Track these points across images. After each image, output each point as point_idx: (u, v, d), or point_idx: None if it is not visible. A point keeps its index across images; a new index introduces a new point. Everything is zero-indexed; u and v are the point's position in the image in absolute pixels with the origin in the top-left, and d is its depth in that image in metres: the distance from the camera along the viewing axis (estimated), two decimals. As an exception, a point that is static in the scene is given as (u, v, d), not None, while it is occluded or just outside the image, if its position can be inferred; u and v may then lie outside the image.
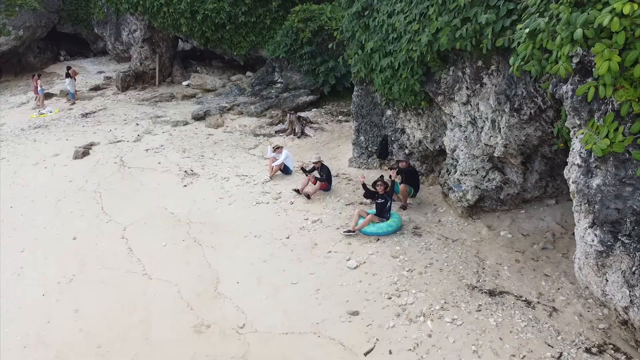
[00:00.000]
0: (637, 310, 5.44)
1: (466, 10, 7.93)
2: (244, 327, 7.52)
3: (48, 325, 8.37)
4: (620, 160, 5.19)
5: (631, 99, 4.92)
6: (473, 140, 9.16)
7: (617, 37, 4.90)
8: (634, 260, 5.29)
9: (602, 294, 5.87)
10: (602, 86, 5.11)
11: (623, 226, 5.28)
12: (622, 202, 5.22)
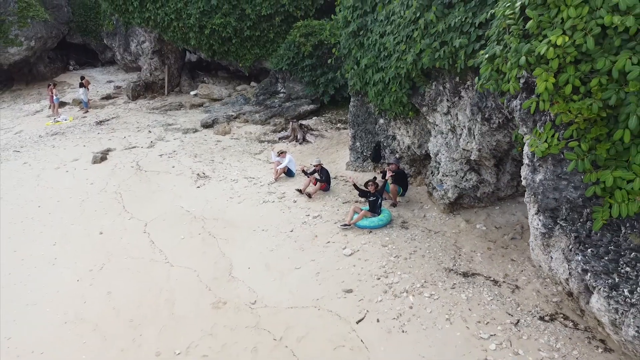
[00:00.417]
0: (575, 280, 6.80)
1: (444, 34, 9.36)
2: (255, 303, 8.90)
3: (84, 305, 9.72)
4: (556, 159, 6.58)
5: (563, 111, 6.31)
6: (453, 146, 10.56)
7: (552, 63, 6.30)
8: (570, 240, 6.67)
9: (549, 269, 7.25)
10: (541, 101, 6.50)
11: (560, 212, 6.67)
12: (559, 193, 6.61)
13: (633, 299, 6.05)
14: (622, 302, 6.17)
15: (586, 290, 6.65)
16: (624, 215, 5.95)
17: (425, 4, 9.87)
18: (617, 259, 6.17)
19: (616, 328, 6.41)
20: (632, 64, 5.70)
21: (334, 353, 7.49)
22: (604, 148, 6.08)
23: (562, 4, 6.31)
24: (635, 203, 5.89)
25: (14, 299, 10.09)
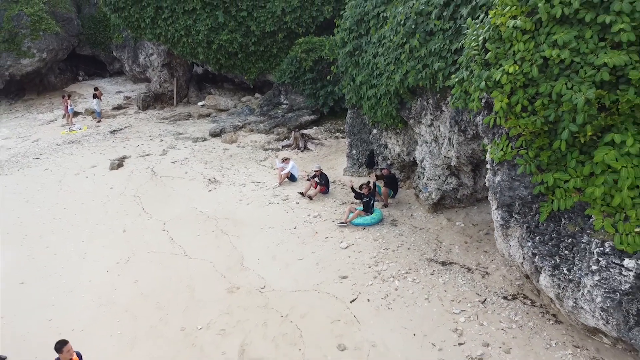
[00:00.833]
0: (527, 263, 8.34)
1: (425, 58, 10.97)
2: (265, 288, 10.43)
3: (115, 291, 11.25)
4: (510, 164, 8.15)
5: (514, 126, 7.89)
6: (436, 153, 12.14)
7: (506, 87, 7.89)
8: (523, 230, 8.22)
9: (509, 255, 8.80)
10: (498, 118, 8.08)
11: (514, 207, 8.23)
12: (513, 191, 8.18)
13: (570, 275, 7.61)
14: (563, 278, 7.73)
15: (536, 270, 8.20)
16: (563, 209, 7.53)
17: (411, 31, 11.50)
18: (558, 244, 7.73)
19: (560, 301, 7.96)
20: (567, 89, 7.29)
21: (331, 326, 9.03)
22: (546, 155, 7.66)
23: (514, 40, 7.92)
24: (571, 199, 7.46)
25: (51, 288, 11.62)
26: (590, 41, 7.28)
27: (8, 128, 29.09)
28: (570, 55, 7.35)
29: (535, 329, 8.51)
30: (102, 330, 9.86)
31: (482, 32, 8.46)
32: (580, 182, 7.30)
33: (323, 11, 22.83)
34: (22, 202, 17.10)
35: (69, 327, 10.15)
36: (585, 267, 7.31)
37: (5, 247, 13.85)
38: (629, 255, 6.85)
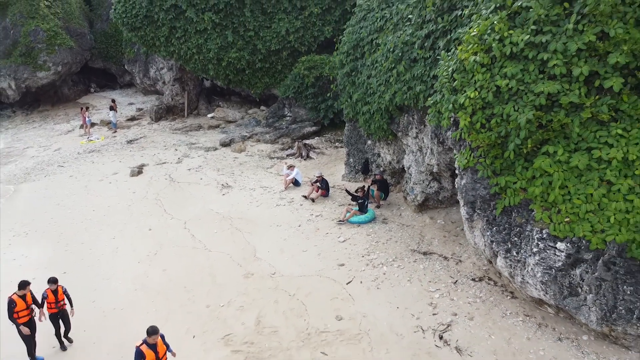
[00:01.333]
0: (487, 249, 10.43)
1: (410, 81, 13.15)
2: (275, 274, 12.53)
3: (147, 278, 13.32)
4: (473, 170, 10.28)
5: (475, 139, 10.02)
6: (420, 161, 14.28)
7: (468, 109, 10.04)
8: (483, 222, 10.33)
9: (474, 244, 10.91)
10: (463, 133, 10.23)
11: (476, 204, 10.35)
12: (475, 191, 10.30)
13: (518, 257, 9.71)
14: (513, 260, 9.83)
15: (494, 254, 10.30)
16: (512, 205, 9.65)
17: (398, 58, 13.70)
18: (509, 233, 9.85)
19: (512, 278, 10.06)
20: (514, 110, 9.44)
21: (330, 302, 11.12)
22: (499, 162, 9.80)
23: (475, 71, 10.08)
24: (518, 197, 9.58)
25: (91, 276, 13.71)
26: (532, 73, 9.44)
27: (27, 137, 31.26)
28: (517, 85, 9.52)
29: (495, 302, 10.60)
30: (139, 308, 11.94)
31: (451, 64, 10.65)
32: (525, 183, 9.44)
33: (324, 31, 25.10)
34: (53, 205, 19.23)
35: (111, 307, 12.24)
36: (529, 250, 9.43)
37: (45, 243, 15.98)
38: (561, 239, 8.97)
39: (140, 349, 8.38)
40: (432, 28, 12.66)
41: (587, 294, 8.88)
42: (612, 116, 8.94)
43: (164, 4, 25.36)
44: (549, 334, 9.56)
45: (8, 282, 13.67)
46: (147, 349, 8.38)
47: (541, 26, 9.47)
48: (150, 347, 8.40)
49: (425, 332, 9.93)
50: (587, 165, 8.84)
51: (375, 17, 15.91)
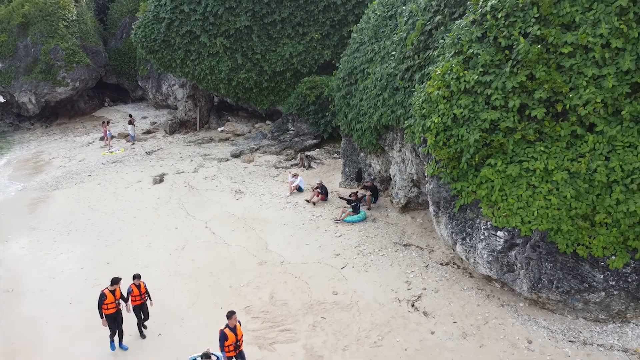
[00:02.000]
0: (449, 238, 13.61)
1: (393, 106, 16.41)
2: (283, 262, 15.71)
3: (178, 266, 16.47)
4: (437, 177, 13.51)
5: (438, 154, 13.25)
6: (403, 171, 17.51)
7: (433, 131, 13.27)
8: (446, 217, 13.54)
9: (441, 235, 14.11)
10: (430, 149, 13.47)
11: (441, 204, 13.57)
12: (439, 193, 13.53)
13: (471, 243, 12.90)
14: (467, 246, 13.02)
15: (454, 242, 13.49)
16: (466, 203, 12.86)
17: (384, 86, 16.99)
18: (464, 225, 13.05)
19: (467, 260, 13.24)
20: (466, 132, 12.68)
21: (328, 282, 14.29)
22: (455, 171, 13.04)
23: (438, 102, 13.33)
24: (470, 197, 12.80)
25: (131, 265, 16.79)
26: (480, 104, 12.69)
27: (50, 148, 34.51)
28: (468, 113, 12.76)
29: (456, 280, 13.78)
30: (175, 288, 15.10)
31: (421, 95, 13.93)
32: (474, 187, 12.66)
33: (323, 54, 28.46)
34: (88, 208, 22.43)
35: (152, 288, 15.34)
36: (478, 237, 12.63)
37: (86, 240, 19.15)
38: (500, 229, 12.16)
39: (224, 331, 10.43)
40: (410, 63, 15.97)
41: (520, 270, 12.06)
42: (537, 137, 12.18)
43: (180, 30, 28.77)
44: (494, 302, 12.74)
45: (59, 272, 16.89)
46: (229, 332, 10.42)
47: (487, 68, 12.74)
48: (231, 330, 10.46)
49: (401, 302, 13.11)
50: (518, 173, 12.06)
51: (367, 49, 19.26)
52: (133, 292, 12.79)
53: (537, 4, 12.28)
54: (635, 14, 11.48)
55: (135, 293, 12.78)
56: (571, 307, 11.79)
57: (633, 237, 10.95)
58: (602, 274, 11.23)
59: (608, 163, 11.20)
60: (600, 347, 11.01)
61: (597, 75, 11.58)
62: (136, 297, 12.80)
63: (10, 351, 12.89)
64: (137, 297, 12.80)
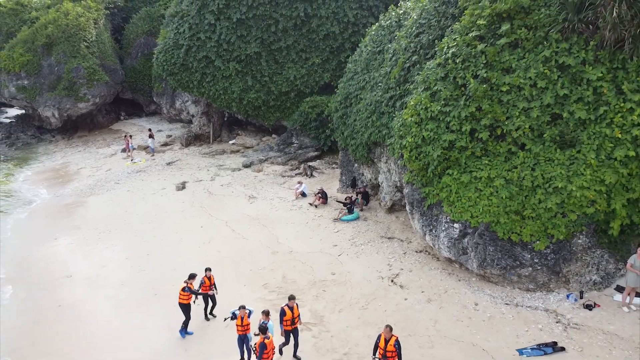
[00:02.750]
0: (421, 230, 17.93)
1: (380, 126, 20.80)
2: (292, 251, 20.03)
3: (207, 256, 20.74)
4: (411, 183, 17.87)
5: (411, 166, 17.60)
6: (389, 179, 21.85)
7: (407, 148, 17.63)
8: (418, 214, 17.87)
9: (415, 228, 18.45)
10: (405, 162, 17.84)
11: (414, 203, 17.91)
12: (413, 196, 17.88)
13: (436, 233, 17.23)
14: (433, 235, 17.35)
15: (424, 233, 17.81)
16: (432, 203, 17.22)
17: (372, 110, 21.41)
18: (431, 219, 17.39)
19: (434, 247, 17.58)
20: (432, 150, 17.07)
21: (328, 265, 18.60)
22: (424, 179, 17.42)
23: (412, 126, 17.71)
24: (435, 198, 17.16)
25: (168, 255, 21.11)
26: (442, 128, 17.07)
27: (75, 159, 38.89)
28: (433, 135, 17.14)
29: (426, 263, 18.09)
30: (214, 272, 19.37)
31: (400, 120, 18.34)
32: (438, 191, 17.01)
33: (323, 77, 32.96)
34: (122, 211, 26.75)
35: (187, 272, 19.62)
36: (441, 228, 16.96)
37: (125, 237, 23.44)
38: (456, 222, 16.49)
39: (283, 308, 13.49)
40: (393, 93, 20.40)
41: (471, 252, 16.37)
42: (482, 153, 16.55)
43: (197, 55, 33.30)
44: (453, 278, 17.05)
45: (108, 261, 21.17)
46: (288, 309, 13.52)
47: (447, 101, 17.13)
48: (289, 309, 13.67)
49: (383, 278, 17.42)
50: (469, 180, 16.40)
51: (359, 79, 23.73)
52: (205, 283, 16.02)
53: (485, 53, 16.70)
54: (555, 62, 15.91)
55: (206, 284, 16.18)
56: (508, 279, 16.09)
57: (551, 227, 15.26)
58: (529, 254, 15.54)
59: (533, 172, 15.56)
60: (527, 308, 15.29)
61: (526, 108, 15.99)
62: (207, 287, 16.15)
63: (76, 320, 17.13)
64: (208, 287, 16.18)
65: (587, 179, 14.81)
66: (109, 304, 17.99)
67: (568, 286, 15.72)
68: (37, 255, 22.48)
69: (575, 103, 15.49)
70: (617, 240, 15.37)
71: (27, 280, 20.33)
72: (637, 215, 15.07)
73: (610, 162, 14.83)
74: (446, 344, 14.09)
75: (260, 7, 32.28)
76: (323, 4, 32.14)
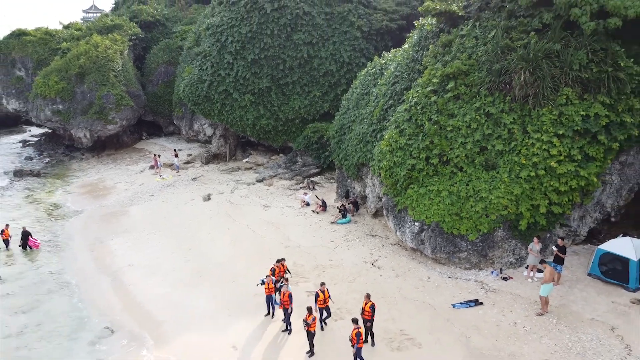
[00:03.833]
0: (394, 228, 25.53)
1: (365, 152, 28.50)
2: (300, 246, 27.64)
3: (235, 251, 28.35)
4: (387, 195, 25.53)
5: (385, 181, 25.25)
6: (373, 191, 29.48)
7: (383, 169, 25.31)
8: (392, 216, 25.50)
9: (390, 228, 26.07)
10: (382, 179, 25.50)
11: (389, 209, 25.54)
12: (388, 204, 25.49)
13: (403, 230, 24.87)
14: (401, 231, 24.98)
15: (396, 230, 25.41)
16: (401, 208, 24.90)
17: (360, 139, 29.16)
18: (400, 220, 25.05)
19: (403, 240, 25.19)
20: (400, 171, 24.77)
21: (326, 255, 26.22)
22: (395, 191, 25.11)
23: (386, 154, 25.42)
24: (403, 205, 24.83)
25: (204, 251, 28.73)
26: (407, 156, 24.79)
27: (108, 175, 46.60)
28: (401, 160, 24.86)
29: (397, 252, 25.70)
30: (237, 262, 26.95)
31: (378, 148, 26.07)
32: (404, 200, 24.69)
33: (323, 107, 40.83)
34: (162, 218, 34.37)
35: (220, 261, 27.21)
36: (406, 226, 24.61)
37: (169, 237, 31.02)
38: (416, 221, 24.14)
39: (317, 292, 20.74)
40: (375, 127, 28.16)
41: (426, 242, 23.95)
42: (434, 173, 24.23)
43: (218, 89, 41.19)
44: (415, 261, 24.64)
45: (158, 254, 28.75)
46: (320, 292, 20.58)
47: (410, 137, 24.83)
48: (322, 292, 20.90)
49: (366, 263, 25.02)
50: (425, 192, 24.03)
51: (351, 113, 31.54)
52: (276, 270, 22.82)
53: (437, 103, 24.45)
54: (483, 110, 23.63)
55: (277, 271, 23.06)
56: (452, 261, 23.65)
57: (479, 224, 22.82)
58: (465, 243, 23.12)
59: (467, 187, 23.19)
60: (463, 280, 22.82)
61: (463, 142, 23.67)
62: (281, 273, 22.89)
63: (142, 294, 24.65)
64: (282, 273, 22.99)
65: (502, 191, 22.46)
66: (165, 282, 25.48)
67: (493, 266, 23.31)
68: (101, 251, 30.07)
69: (496, 139, 23.20)
70: (525, 233, 22.95)
71: (99, 269, 27.89)
72: (537, 216, 22.69)
73: (517, 180, 22.47)
74: (406, 302, 21.63)
75: (270, 49, 40.23)
76: (323, 46, 40.10)
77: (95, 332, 22.11)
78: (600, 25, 21.81)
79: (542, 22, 23.20)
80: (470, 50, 24.70)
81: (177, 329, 21.30)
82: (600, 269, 21.70)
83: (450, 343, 18.78)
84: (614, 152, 22.43)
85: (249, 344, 19.87)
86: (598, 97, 22.13)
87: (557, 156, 22.08)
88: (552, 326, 19.12)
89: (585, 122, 22.02)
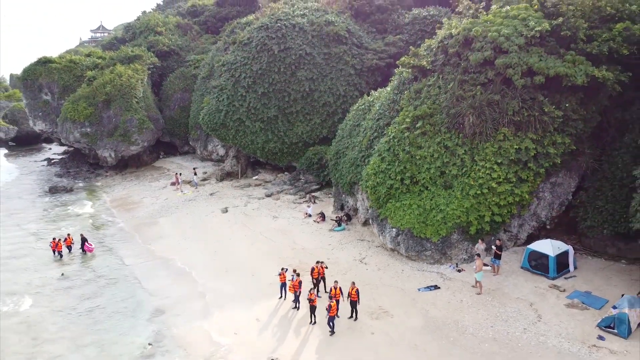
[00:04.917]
0: (378, 232, 33.80)
1: (356, 173, 36.88)
2: (304, 248, 35.95)
3: (252, 252, 36.57)
4: (373, 207, 33.87)
5: (371, 197, 33.57)
6: (363, 205, 37.76)
7: (369, 187, 33.66)
8: (376, 224, 33.79)
9: (375, 233, 34.37)
10: (369, 195, 33.83)
11: (374, 218, 33.87)
12: (374, 214, 33.86)
13: (384, 234, 33.17)
14: (383, 235, 33.29)
15: (379, 234, 33.71)
16: (383, 218, 33.23)
17: (352, 163, 37.58)
18: (382, 227, 33.38)
19: (384, 243, 33.50)
20: (382, 189, 33.16)
21: (325, 255, 34.50)
22: (378, 204, 33.48)
23: (371, 176, 33.80)
24: (385, 215, 33.17)
25: (229, 252, 37.00)
26: (388, 178, 33.20)
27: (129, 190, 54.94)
28: (382, 181, 33.25)
29: (380, 252, 33.98)
30: (255, 261, 35.19)
31: (365, 171, 34.48)
32: (385, 211, 33.03)
33: (322, 132, 49.32)
34: (189, 227, 42.68)
35: (243, 259, 35.43)
36: (386, 231, 32.93)
37: (199, 241, 39.26)
38: (394, 227, 32.46)
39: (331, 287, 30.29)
40: (364, 153, 36.59)
41: (402, 244, 32.22)
42: (407, 191, 32.59)
43: (233, 117, 49.75)
44: (394, 259, 32.93)
45: (192, 254, 37.01)
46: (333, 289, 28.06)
47: (389, 163, 33.21)
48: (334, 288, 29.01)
49: (356, 260, 33.32)
50: (400, 205, 32.36)
51: (345, 141, 40.02)
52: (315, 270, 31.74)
53: (409, 137, 32.87)
54: (443, 144, 32.06)
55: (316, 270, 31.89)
56: (421, 258, 31.90)
57: (439, 229, 31.09)
58: (430, 244, 31.38)
59: (432, 201, 31.53)
60: (428, 272, 31.06)
61: (428, 167, 32.06)
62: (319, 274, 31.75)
63: (186, 282, 32.92)
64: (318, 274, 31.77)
65: (456, 205, 30.79)
66: (199, 276, 33.72)
67: (451, 261, 31.58)
68: (142, 252, 38.32)
69: (452, 166, 31.60)
70: (474, 237, 31.24)
71: (151, 261, 36.08)
72: (483, 224, 30.98)
73: (467, 196, 30.81)
74: (384, 287, 29.87)
75: (277, 83, 48.81)
76: (322, 81, 48.67)
77: (150, 312, 30.30)
78: (528, 81, 30.27)
79: (487, 78, 31.66)
80: (434, 97, 33.19)
81: (214, 308, 29.51)
82: (530, 264, 30.00)
83: (414, 314, 26.99)
84: (541, 175, 30.84)
85: (269, 317, 28.05)
86: (528, 135, 30.58)
87: (497, 179, 30.45)
88: (487, 302, 27.38)
89: (518, 154, 30.44)
